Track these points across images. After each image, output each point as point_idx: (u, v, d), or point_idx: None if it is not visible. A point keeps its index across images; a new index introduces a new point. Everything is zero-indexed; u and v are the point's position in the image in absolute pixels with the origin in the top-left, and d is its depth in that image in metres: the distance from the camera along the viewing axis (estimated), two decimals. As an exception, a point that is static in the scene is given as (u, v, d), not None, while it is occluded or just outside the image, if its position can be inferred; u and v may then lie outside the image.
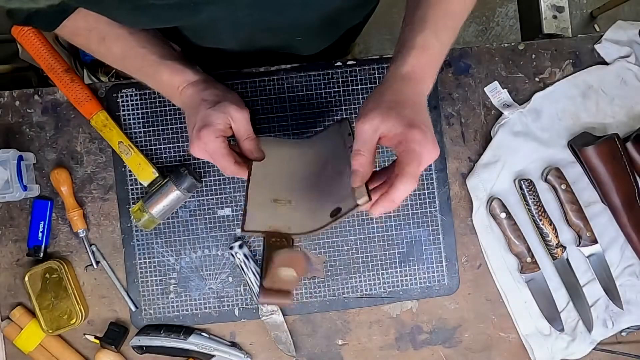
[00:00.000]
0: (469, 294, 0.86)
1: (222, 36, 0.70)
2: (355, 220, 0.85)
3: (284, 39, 0.75)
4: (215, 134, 0.65)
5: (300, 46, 0.80)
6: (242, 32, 0.69)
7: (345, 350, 0.87)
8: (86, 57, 1.36)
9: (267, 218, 0.66)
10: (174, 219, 0.85)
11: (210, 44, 0.74)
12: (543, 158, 0.85)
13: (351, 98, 0.85)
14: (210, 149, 0.65)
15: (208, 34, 0.70)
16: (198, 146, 0.66)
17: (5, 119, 0.86)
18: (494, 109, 0.86)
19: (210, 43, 0.74)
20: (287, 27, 0.69)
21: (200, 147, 0.65)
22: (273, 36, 0.72)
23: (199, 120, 0.66)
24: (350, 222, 0.85)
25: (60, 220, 0.85)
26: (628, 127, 0.86)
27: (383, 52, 0.96)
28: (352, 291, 0.86)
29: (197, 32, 0.72)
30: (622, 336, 0.87)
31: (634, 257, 0.86)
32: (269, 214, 0.66)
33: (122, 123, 0.85)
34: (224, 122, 0.65)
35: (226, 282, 0.85)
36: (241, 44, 0.74)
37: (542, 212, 0.83)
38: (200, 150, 0.66)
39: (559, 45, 0.87)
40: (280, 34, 0.72)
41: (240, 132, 0.68)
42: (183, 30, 0.71)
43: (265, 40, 0.74)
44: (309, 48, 0.82)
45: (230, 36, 0.70)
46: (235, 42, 0.73)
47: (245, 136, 0.68)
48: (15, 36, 0.82)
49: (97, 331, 0.86)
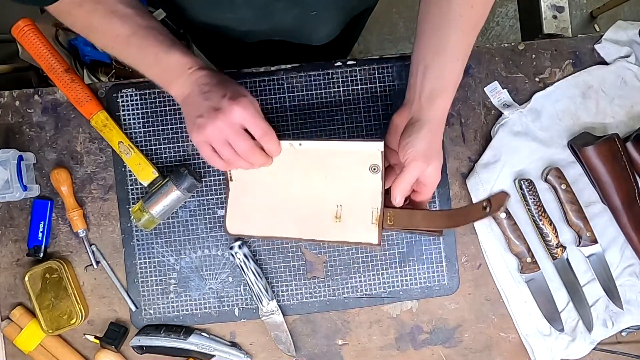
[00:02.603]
0: (469, 294, 0.86)
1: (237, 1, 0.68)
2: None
3: (299, 13, 0.73)
4: (252, 102, 0.65)
5: (313, 27, 0.78)
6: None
7: (345, 350, 0.87)
8: (86, 57, 1.36)
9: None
10: (174, 219, 0.85)
11: (224, 11, 0.71)
12: (543, 158, 0.85)
13: (351, 98, 0.85)
14: (249, 113, 0.64)
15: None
16: (233, 114, 0.64)
17: (5, 119, 0.86)
18: (494, 109, 0.86)
19: (224, 10, 0.71)
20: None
21: (236, 115, 0.64)
22: (288, 6, 0.70)
23: (231, 90, 0.65)
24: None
25: (60, 220, 0.86)
26: (628, 127, 0.86)
27: (383, 52, 0.96)
28: (352, 291, 0.86)
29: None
30: (622, 336, 0.87)
31: (634, 257, 0.86)
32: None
33: (122, 123, 0.85)
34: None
35: (226, 282, 0.85)
36: (256, 13, 0.71)
37: (542, 212, 0.83)
38: (233, 119, 0.64)
39: (559, 45, 0.87)
40: (295, 5, 0.70)
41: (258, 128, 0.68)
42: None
43: (281, 11, 0.71)
44: (320, 31, 0.80)
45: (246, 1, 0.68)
46: (251, 10, 0.70)
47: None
48: (15, 36, 0.82)
49: (97, 331, 0.86)
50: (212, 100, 0.65)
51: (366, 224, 0.75)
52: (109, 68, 1.40)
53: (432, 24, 0.68)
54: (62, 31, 1.34)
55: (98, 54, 1.37)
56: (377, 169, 0.74)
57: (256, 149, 0.68)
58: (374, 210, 0.75)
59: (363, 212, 0.75)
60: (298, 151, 0.75)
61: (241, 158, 0.67)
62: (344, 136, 0.85)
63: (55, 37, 1.32)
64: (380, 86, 0.85)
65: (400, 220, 0.74)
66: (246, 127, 0.66)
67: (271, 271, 0.85)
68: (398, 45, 1.87)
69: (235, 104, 0.63)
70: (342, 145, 0.74)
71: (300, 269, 0.85)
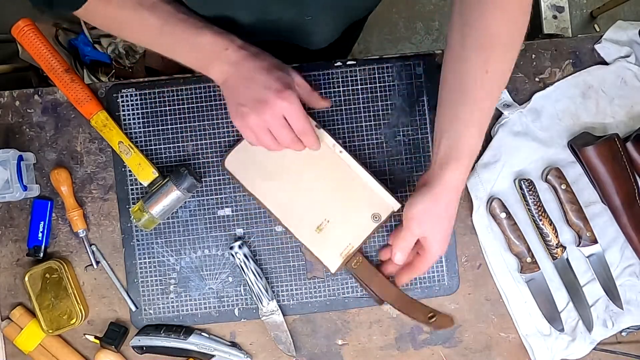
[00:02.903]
0: (469, 294, 0.86)
1: (235, 1, 0.68)
2: (355, 220, 0.85)
3: (295, 17, 0.72)
4: (296, 95, 0.66)
5: (310, 31, 0.78)
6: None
7: (345, 350, 0.87)
8: (86, 57, 1.36)
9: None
10: (174, 219, 0.85)
11: (221, 10, 0.70)
12: (543, 158, 0.85)
13: (351, 98, 0.85)
14: (295, 109, 0.66)
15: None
16: (277, 107, 0.64)
17: (5, 119, 0.86)
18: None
19: (221, 10, 0.70)
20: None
21: (280, 108, 0.65)
22: (285, 8, 0.69)
23: (276, 81, 0.65)
24: (350, 222, 0.85)
25: (60, 220, 0.86)
26: (628, 127, 0.86)
27: (383, 52, 0.96)
28: (352, 291, 0.86)
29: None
30: (622, 336, 0.87)
31: (634, 257, 0.86)
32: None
33: (122, 123, 0.85)
34: (294, 86, 0.68)
35: (226, 282, 0.85)
36: (253, 13, 0.71)
37: (542, 212, 0.83)
38: (277, 112, 0.65)
39: (559, 45, 0.87)
40: (291, 8, 0.70)
41: (306, 94, 0.72)
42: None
43: (278, 12, 0.71)
44: (318, 35, 0.80)
45: (244, 1, 0.68)
46: (248, 11, 0.70)
47: (309, 95, 0.73)
48: (15, 36, 0.82)
49: (97, 331, 0.86)
50: (256, 91, 0.65)
51: (336, 251, 0.82)
52: (109, 68, 1.40)
53: (448, 90, 0.67)
54: (62, 31, 1.34)
55: (98, 54, 1.37)
56: (378, 220, 0.82)
57: (297, 141, 0.69)
58: (348, 246, 0.82)
59: (340, 241, 0.82)
60: (333, 155, 0.81)
61: (281, 145, 0.69)
62: (344, 136, 0.85)
63: (55, 37, 1.33)
64: (380, 86, 0.85)
65: (362, 271, 0.82)
66: (288, 120, 0.67)
67: (271, 271, 0.85)
68: (398, 45, 1.87)
69: (280, 99, 0.64)
70: (369, 179, 0.81)
71: (300, 269, 0.85)
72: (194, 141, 0.85)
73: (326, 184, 0.82)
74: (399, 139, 0.85)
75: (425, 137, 0.85)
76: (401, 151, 0.85)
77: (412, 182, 0.85)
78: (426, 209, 0.68)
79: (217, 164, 0.85)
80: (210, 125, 0.85)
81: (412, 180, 0.85)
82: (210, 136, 0.85)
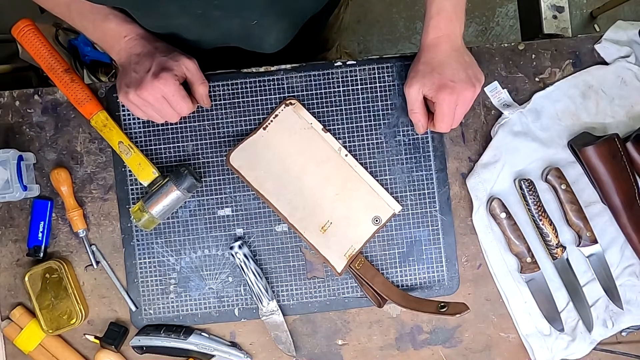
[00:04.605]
0: (469, 294, 0.86)
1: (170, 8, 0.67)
2: (355, 220, 0.86)
3: (240, 22, 0.73)
4: (174, 78, 0.72)
5: (259, 35, 0.77)
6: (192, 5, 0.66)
7: (345, 350, 0.87)
8: (86, 57, 1.36)
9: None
10: (174, 219, 0.85)
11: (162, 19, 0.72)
12: (543, 158, 0.85)
13: (351, 98, 0.85)
14: (171, 91, 0.72)
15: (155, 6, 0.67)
16: (154, 88, 0.71)
17: (5, 119, 0.86)
18: (494, 109, 0.86)
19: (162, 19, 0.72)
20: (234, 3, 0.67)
21: (156, 89, 0.72)
22: (227, 16, 0.70)
23: (156, 65, 0.72)
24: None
25: (60, 220, 0.86)
26: (628, 127, 0.86)
27: (383, 52, 0.96)
28: (352, 291, 0.86)
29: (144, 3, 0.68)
30: (622, 336, 0.87)
31: (634, 257, 0.86)
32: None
33: (122, 123, 0.85)
34: (179, 69, 0.73)
35: (226, 282, 0.85)
36: (195, 22, 0.71)
37: (542, 212, 0.83)
38: (154, 92, 0.72)
39: (559, 45, 0.87)
40: (232, 14, 0.70)
41: (195, 78, 0.76)
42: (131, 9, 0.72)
43: (221, 20, 0.71)
44: (268, 38, 0.79)
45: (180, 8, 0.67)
46: (188, 19, 0.70)
47: (200, 81, 0.76)
48: (15, 36, 0.82)
49: (97, 331, 0.86)
50: (139, 73, 0.72)
51: (340, 252, 0.83)
52: (109, 68, 1.40)
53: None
54: (62, 31, 1.34)
55: (98, 54, 1.37)
56: (378, 223, 0.83)
57: (176, 115, 0.77)
58: (351, 248, 0.83)
59: (343, 242, 0.83)
60: (338, 158, 0.83)
61: (163, 118, 0.77)
62: (344, 136, 0.85)
63: (55, 37, 1.32)
64: (380, 86, 0.85)
65: (365, 271, 0.83)
66: (166, 98, 0.74)
67: (271, 271, 0.85)
68: (398, 45, 1.87)
69: (156, 81, 0.71)
70: (372, 183, 0.83)
71: (300, 269, 0.85)
72: (194, 141, 0.85)
73: (330, 185, 0.83)
74: (399, 139, 0.85)
75: (425, 137, 0.85)
76: (401, 151, 0.85)
77: (412, 182, 0.85)
78: (421, 67, 0.74)
79: (217, 164, 0.85)
80: (210, 125, 0.85)
81: (412, 180, 0.85)
82: (210, 136, 0.85)
